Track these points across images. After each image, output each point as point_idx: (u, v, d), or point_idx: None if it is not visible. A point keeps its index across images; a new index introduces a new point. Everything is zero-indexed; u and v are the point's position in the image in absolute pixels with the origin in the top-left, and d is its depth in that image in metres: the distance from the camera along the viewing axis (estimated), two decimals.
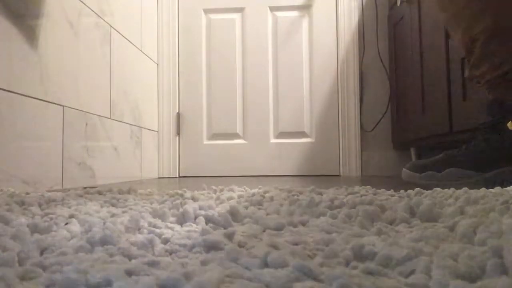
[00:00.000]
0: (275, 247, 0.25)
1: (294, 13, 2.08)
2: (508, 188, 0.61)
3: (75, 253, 0.23)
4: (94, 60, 1.19)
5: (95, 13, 1.19)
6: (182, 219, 0.33)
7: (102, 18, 1.23)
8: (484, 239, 0.23)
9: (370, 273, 0.19)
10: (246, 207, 0.40)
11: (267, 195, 0.53)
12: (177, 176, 1.94)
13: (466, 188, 0.57)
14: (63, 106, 1.00)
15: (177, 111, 1.99)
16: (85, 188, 0.95)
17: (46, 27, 0.94)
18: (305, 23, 2.07)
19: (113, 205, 0.48)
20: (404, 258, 0.20)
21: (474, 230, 0.26)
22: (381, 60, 1.98)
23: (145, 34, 1.69)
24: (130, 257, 0.22)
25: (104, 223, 0.30)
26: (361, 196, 0.55)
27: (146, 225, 0.31)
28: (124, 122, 1.39)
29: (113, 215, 0.37)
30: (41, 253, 0.24)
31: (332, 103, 2.04)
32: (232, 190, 0.64)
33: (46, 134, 0.93)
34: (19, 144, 0.83)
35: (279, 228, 0.32)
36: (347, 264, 0.21)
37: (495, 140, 0.84)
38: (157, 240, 0.25)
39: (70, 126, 1.03)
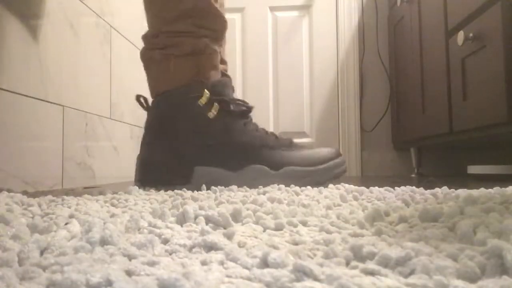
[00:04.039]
0: (275, 247, 0.25)
1: (294, 13, 2.08)
2: (508, 188, 0.61)
3: (75, 253, 0.23)
4: (94, 60, 1.19)
5: (95, 13, 1.19)
6: (182, 219, 0.33)
7: (102, 18, 1.23)
8: (484, 239, 0.23)
9: (370, 273, 0.19)
10: (246, 207, 0.40)
11: (267, 195, 0.53)
12: None
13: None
14: (63, 106, 1.00)
15: None
16: (85, 188, 0.95)
17: (46, 27, 0.94)
18: (305, 23, 2.07)
19: (113, 205, 0.48)
20: (404, 258, 0.20)
21: (474, 230, 0.26)
22: (381, 60, 1.98)
23: None
24: (130, 257, 0.22)
25: (104, 223, 0.30)
26: (360, 195, 0.55)
27: (146, 225, 0.31)
28: (124, 122, 1.39)
29: (113, 215, 0.37)
30: (41, 253, 0.24)
31: (332, 103, 2.04)
32: (231, 190, 0.64)
33: (46, 134, 0.93)
34: (19, 144, 0.83)
35: (279, 228, 0.32)
36: (347, 264, 0.21)
37: None
38: (157, 240, 0.25)
39: (70, 126, 1.03)
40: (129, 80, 1.42)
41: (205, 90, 0.75)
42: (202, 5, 0.78)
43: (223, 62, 0.99)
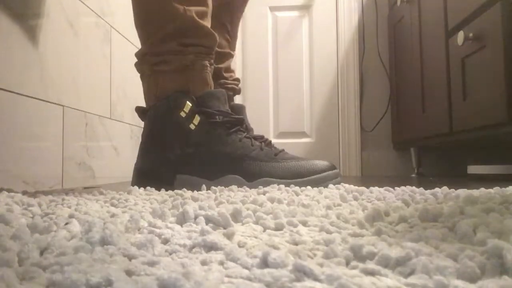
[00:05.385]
0: (275, 247, 0.25)
1: (294, 13, 2.08)
2: (508, 188, 0.61)
3: (75, 253, 0.23)
4: (94, 60, 1.19)
5: (95, 13, 1.19)
6: (182, 219, 0.33)
7: (102, 18, 1.23)
8: (484, 239, 0.23)
9: (370, 273, 0.19)
10: (246, 207, 0.40)
11: (267, 195, 0.53)
12: None
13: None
14: (63, 106, 1.00)
15: None
16: (85, 188, 0.95)
17: (46, 27, 0.94)
18: (305, 23, 2.07)
19: (113, 205, 0.48)
20: (404, 258, 0.20)
21: (474, 230, 0.26)
22: (381, 60, 1.98)
23: None
24: (130, 257, 0.22)
25: (104, 223, 0.30)
26: (360, 195, 0.55)
27: (146, 225, 0.31)
28: (124, 122, 1.39)
29: (113, 215, 0.37)
30: (41, 253, 0.24)
31: (332, 103, 2.04)
32: (231, 190, 0.64)
33: (46, 134, 0.93)
34: (19, 144, 0.83)
35: (279, 228, 0.32)
36: (347, 264, 0.21)
37: None
38: (157, 240, 0.25)
39: (70, 126, 1.03)
40: (129, 80, 1.42)
41: (187, 102, 0.79)
42: (188, 24, 0.79)
43: (230, 71, 1.02)
